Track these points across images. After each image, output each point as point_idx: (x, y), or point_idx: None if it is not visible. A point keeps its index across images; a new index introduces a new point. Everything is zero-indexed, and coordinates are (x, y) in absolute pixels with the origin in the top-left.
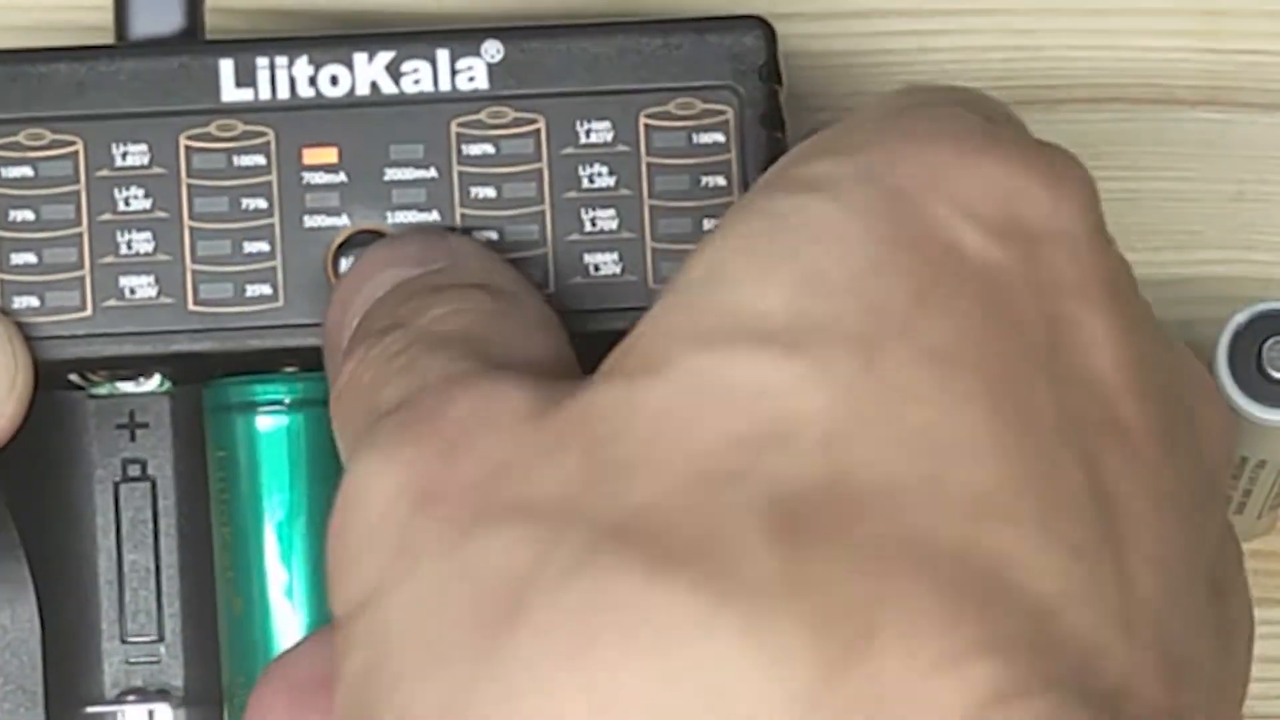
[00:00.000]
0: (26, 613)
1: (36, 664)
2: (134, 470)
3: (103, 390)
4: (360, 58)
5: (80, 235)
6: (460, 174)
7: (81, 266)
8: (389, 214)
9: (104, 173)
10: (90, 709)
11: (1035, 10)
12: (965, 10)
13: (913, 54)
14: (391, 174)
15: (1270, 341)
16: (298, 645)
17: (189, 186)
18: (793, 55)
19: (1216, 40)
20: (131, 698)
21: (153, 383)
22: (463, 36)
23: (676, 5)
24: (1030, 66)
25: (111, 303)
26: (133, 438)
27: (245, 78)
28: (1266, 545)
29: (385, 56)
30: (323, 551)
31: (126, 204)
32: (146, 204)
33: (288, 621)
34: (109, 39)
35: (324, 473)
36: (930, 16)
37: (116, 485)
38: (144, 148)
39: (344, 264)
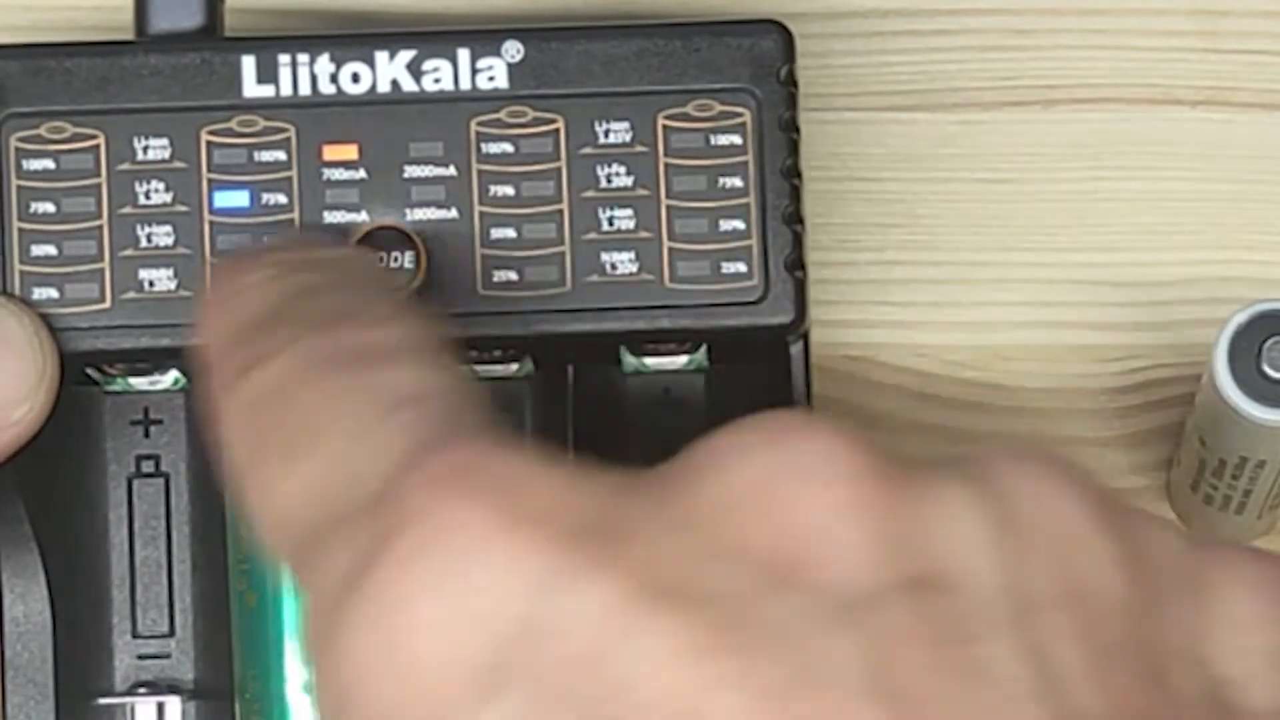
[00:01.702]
0: (39, 606)
1: (48, 657)
2: (148, 466)
3: (117, 387)
4: (382, 56)
5: (100, 228)
6: (479, 172)
7: (101, 259)
8: (408, 211)
9: (125, 166)
10: (100, 701)
11: (1035, 10)
12: (965, 10)
13: (913, 54)
14: (411, 171)
15: (1270, 341)
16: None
17: (209, 181)
18: None
19: (1216, 40)
20: (142, 690)
21: (167, 380)
22: (483, 36)
23: (684, 7)
24: (1030, 66)
25: (130, 295)
26: (147, 434)
27: (267, 74)
28: (1267, 545)
29: (406, 55)
30: None
31: (147, 197)
32: (167, 198)
33: (301, 615)
34: (109, 38)
35: None
36: (930, 16)
37: (130, 481)
38: (165, 142)
39: None
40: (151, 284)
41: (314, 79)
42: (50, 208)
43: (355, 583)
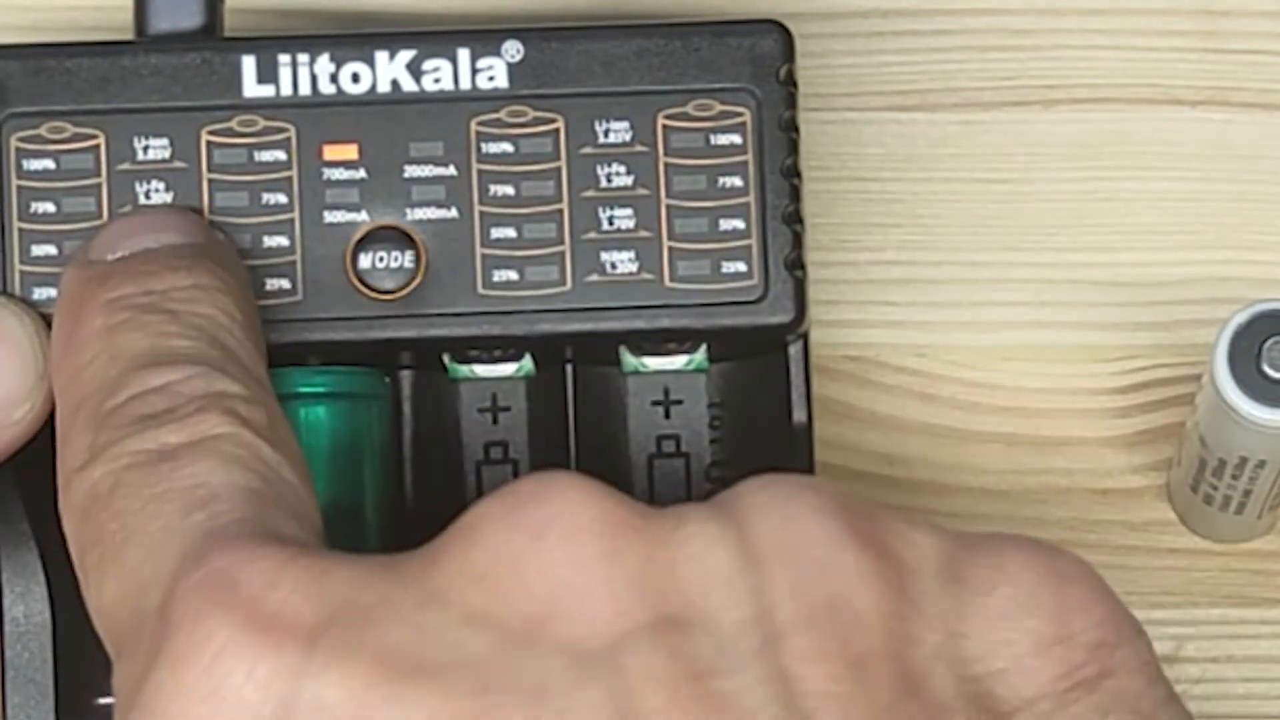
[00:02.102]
0: (39, 606)
1: (48, 657)
2: None
3: None
4: (382, 56)
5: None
6: (479, 172)
7: None
8: (408, 210)
9: (125, 166)
10: (101, 700)
11: (1035, 10)
12: (965, 10)
13: (913, 54)
14: (411, 171)
15: (1270, 341)
16: (234, 551)
17: (209, 181)
18: None
19: (1216, 40)
20: None
21: None
22: (484, 36)
23: (684, 7)
24: (1030, 66)
25: None
26: None
27: (267, 74)
28: (1267, 545)
29: (406, 55)
30: (338, 542)
31: (147, 197)
32: (167, 198)
33: None
34: (109, 38)
35: (341, 464)
36: (930, 16)
37: None
38: (165, 142)
39: (362, 259)
40: None
41: (314, 79)
42: (51, 208)
43: (136, 690)
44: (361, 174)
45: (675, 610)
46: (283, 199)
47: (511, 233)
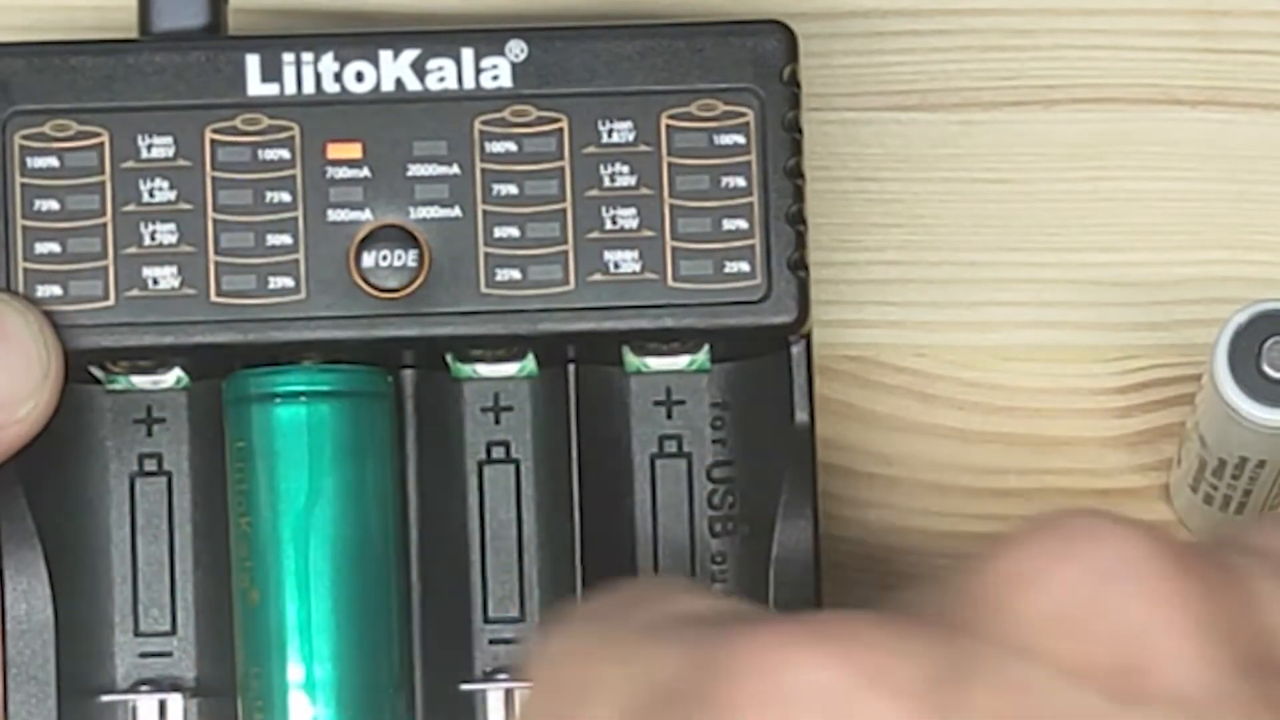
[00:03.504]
0: (41, 604)
1: (50, 654)
2: (150, 465)
3: (120, 385)
4: (386, 55)
5: (104, 225)
6: (483, 171)
7: (105, 257)
8: (411, 209)
9: (129, 164)
10: (103, 698)
11: (1035, 10)
12: (965, 10)
13: (913, 54)
14: (415, 170)
15: (1270, 341)
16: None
17: (213, 179)
18: None
19: (1216, 40)
20: (144, 688)
21: (169, 379)
22: (488, 36)
23: (687, 7)
24: (1030, 66)
25: (134, 293)
26: (149, 433)
27: (271, 73)
28: None
29: (410, 54)
30: (340, 541)
31: (151, 195)
32: (171, 195)
33: (304, 612)
34: (113, 37)
35: (342, 463)
36: (930, 16)
37: (132, 479)
38: (169, 140)
39: (366, 258)
40: (155, 282)
41: (318, 78)
42: (54, 205)
43: None
44: (365, 173)
45: (1262, 655)
46: (286, 197)
47: (515, 232)
